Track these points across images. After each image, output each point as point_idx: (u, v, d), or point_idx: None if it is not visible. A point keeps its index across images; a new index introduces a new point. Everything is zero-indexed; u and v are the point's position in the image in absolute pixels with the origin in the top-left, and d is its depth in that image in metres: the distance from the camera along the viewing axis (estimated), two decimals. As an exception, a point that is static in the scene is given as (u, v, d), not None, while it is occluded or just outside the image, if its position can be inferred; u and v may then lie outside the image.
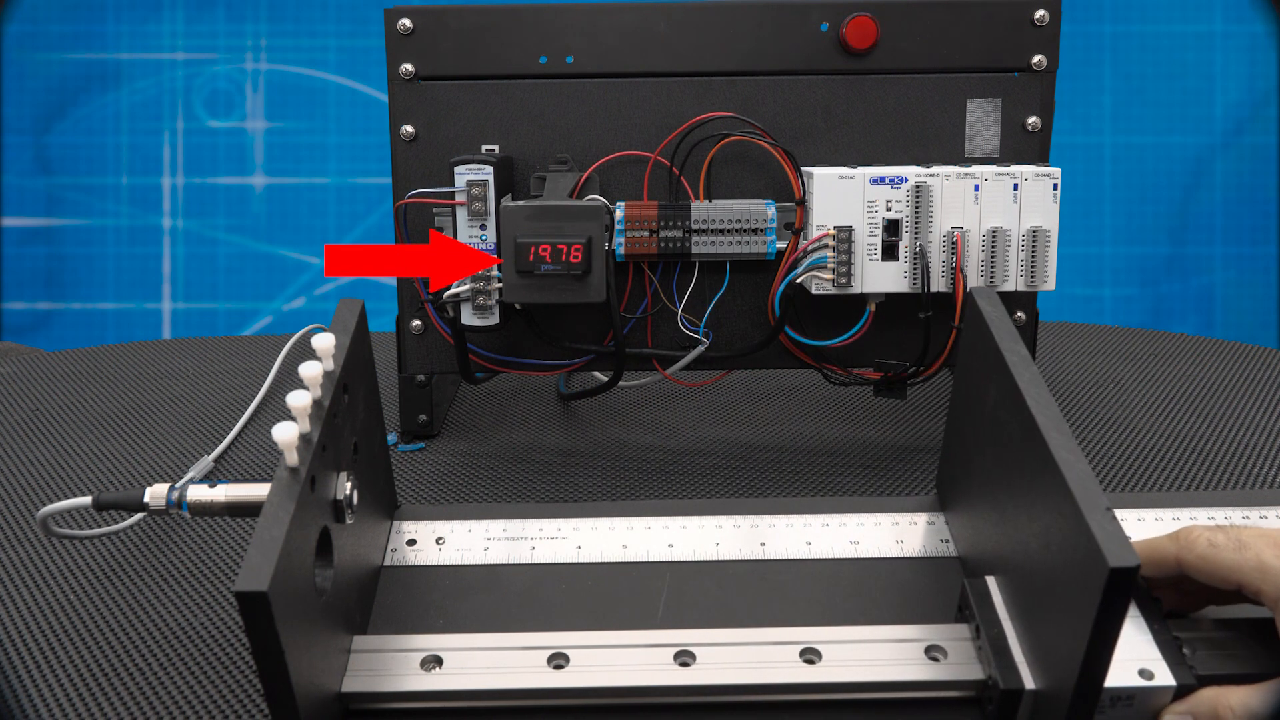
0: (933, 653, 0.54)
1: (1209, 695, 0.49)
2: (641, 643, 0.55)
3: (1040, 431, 0.51)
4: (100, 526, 0.74)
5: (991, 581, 0.56)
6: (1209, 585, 0.52)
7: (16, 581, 0.69)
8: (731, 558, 0.64)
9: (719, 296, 0.82)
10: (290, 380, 1.02)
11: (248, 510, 0.57)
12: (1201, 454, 0.85)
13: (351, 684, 0.54)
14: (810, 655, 0.55)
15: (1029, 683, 0.51)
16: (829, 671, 0.54)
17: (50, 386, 1.05)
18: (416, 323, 0.85)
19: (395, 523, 0.67)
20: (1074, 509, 0.47)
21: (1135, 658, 0.52)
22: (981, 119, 0.82)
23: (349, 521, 0.56)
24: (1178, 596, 0.56)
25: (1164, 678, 0.51)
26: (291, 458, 0.49)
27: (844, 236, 0.77)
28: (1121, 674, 0.51)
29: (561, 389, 0.99)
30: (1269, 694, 0.48)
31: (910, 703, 0.54)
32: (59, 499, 0.72)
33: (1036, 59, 0.81)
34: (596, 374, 0.95)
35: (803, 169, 0.79)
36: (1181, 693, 0.51)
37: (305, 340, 1.06)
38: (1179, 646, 0.53)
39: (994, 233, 0.77)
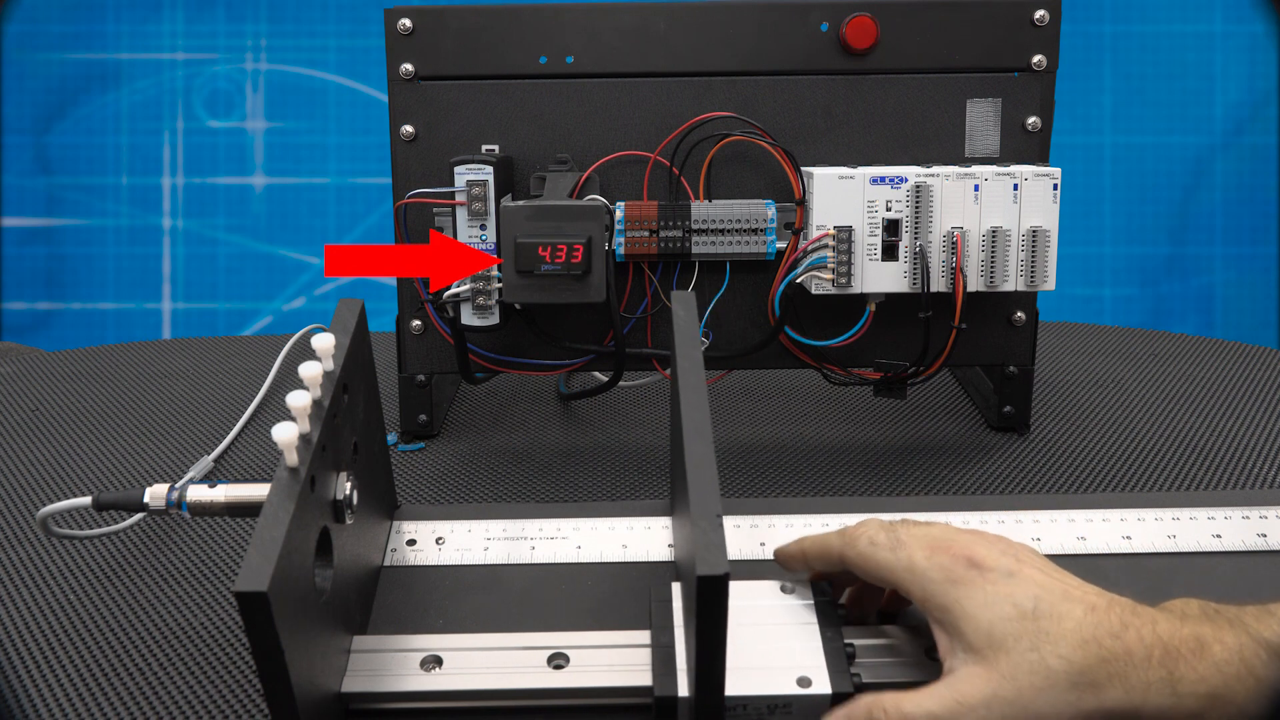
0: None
1: (866, 701, 0.49)
2: (641, 643, 0.55)
3: (683, 438, 0.52)
4: (100, 526, 0.74)
5: (676, 588, 0.56)
6: (875, 584, 0.53)
7: (16, 581, 0.69)
8: (732, 558, 0.64)
9: (719, 296, 0.82)
10: (290, 380, 1.02)
11: (248, 510, 0.57)
12: (1201, 454, 0.85)
13: (351, 684, 0.54)
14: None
15: (683, 689, 0.50)
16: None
17: (50, 386, 1.05)
18: (416, 323, 0.85)
19: (395, 523, 0.67)
20: (688, 515, 0.47)
21: (796, 665, 0.52)
22: (981, 119, 0.81)
23: (349, 521, 0.56)
24: (886, 595, 0.56)
25: (821, 686, 0.51)
26: (291, 458, 0.49)
27: (844, 236, 0.77)
28: (779, 682, 0.51)
29: (561, 389, 0.99)
30: (921, 697, 0.48)
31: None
32: (59, 499, 0.72)
33: (1036, 59, 0.81)
34: (596, 374, 0.95)
35: (803, 169, 0.79)
36: (839, 700, 0.51)
37: (305, 340, 1.06)
38: (850, 654, 0.53)
39: (994, 233, 0.77)
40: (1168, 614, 0.48)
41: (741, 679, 0.50)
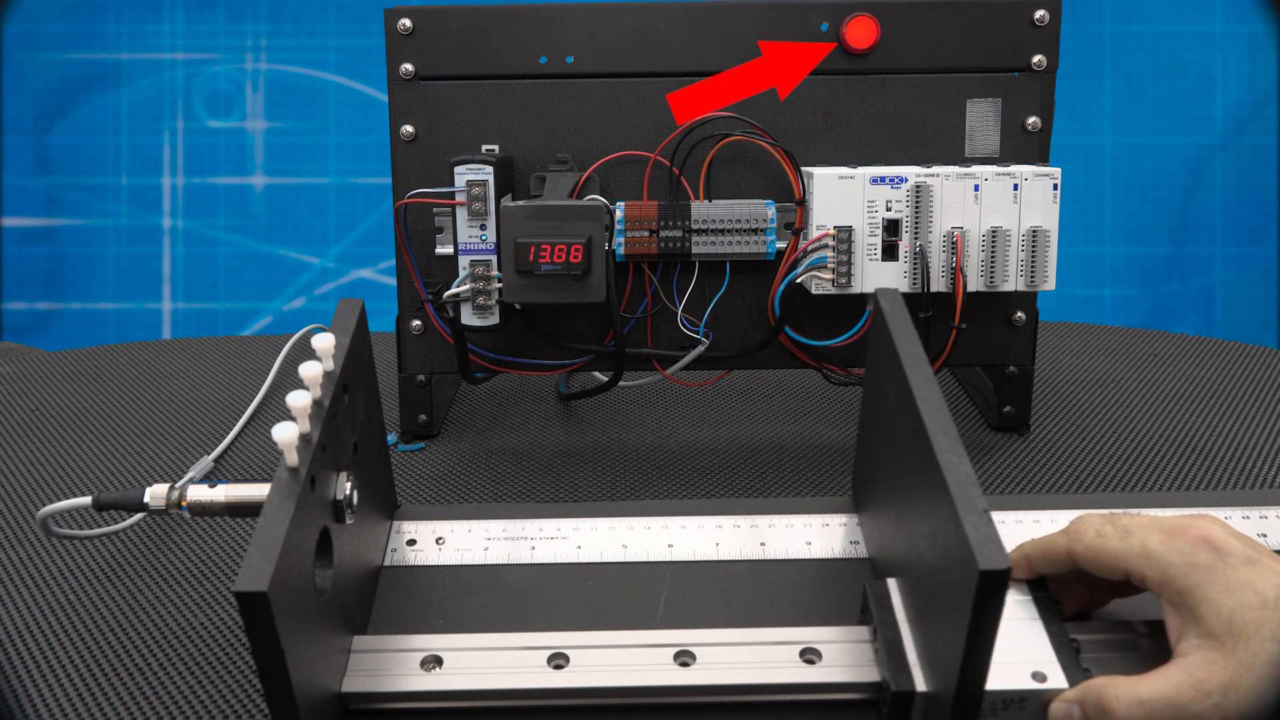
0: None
1: (1096, 685, 0.49)
2: (641, 643, 0.55)
3: (927, 433, 0.51)
4: (100, 526, 0.74)
5: (892, 583, 0.56)
6: (1102, 577, 0.53)
7: (16, 581, 0.69)
8: (731, 558, 0.64)
9: (719, 296, 0.82)
10: (290, 380, 1.02)
11: (248, 510, 0.57)
12: (1201, 454, 0.85)
13: (351, 684, 0.54)
14: (810, 655, 0.55)
15: (920, 685, 0.50)
16: (828, 672, 0.54)
17: (50, 386, 1.05)
18: (416, 323, 0.85)
19: (395, 523, 0.67)
20: (952, 511, 0.47)
21: (1029, 660, 0.52)
22: (981, 119, 0.81)
23: (349, 521, 0.56)
24: (1086, 593, 0.56)
25: (1057, 680, 0.51)
26: (291, 458, 0.49)
27: (844, 236, 0.77)
28: (1014, 676, 0.51)
29: (561, 389, 0.99)
30: (1154, 682, 0.48)
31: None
32: (59, 499, 0.72)
33: (1036, 59, 0.81)
34: (596, 374, 0.95)
35: (803, 169, 0.79)
36: None
37: (305, 340, 1.06)
38: (1075, 649, 0.53)
39: (994, 233, 0.77)
40: None
41: None
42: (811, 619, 0.59)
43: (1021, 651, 0.52)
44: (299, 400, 0.50)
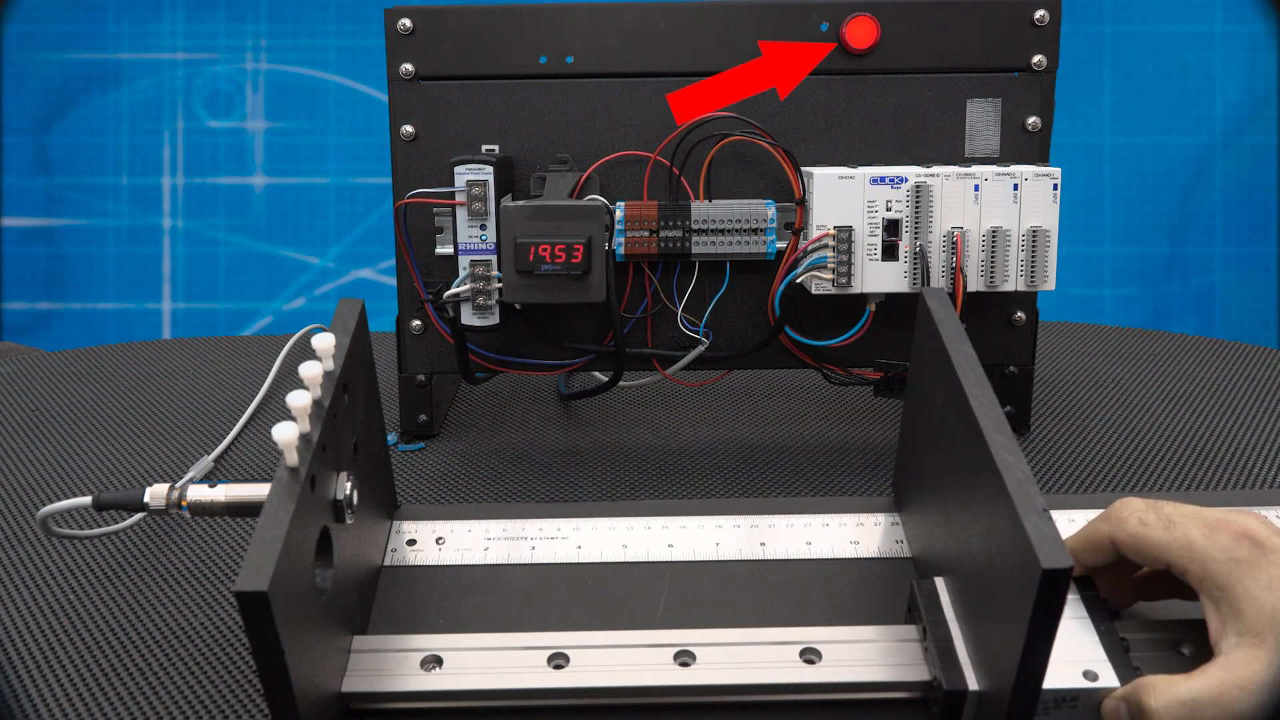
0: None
1: (1142, 684, 0.49)
2: (641, 643, 0.55)
3: (982, 432, 0.51)
4: (100, 526, 0.74)
5: (940, 582, 0.56)
6: (1142, 564, 0.53)
7: (16, 581, 0.69)
8: (731, 558, 0.64)
9: (719, 296, 0.82)
10: (290, 380, 1.02)
11: (248, 510, 0.57)
12: (1201, 454, 0.85)
13: (351, 684, 0.54)
14: (810, 655, 0.55)
15: (972, 684, 0.50)
16: (829, 671, 0.54)
17: (50, 386, 1.05)
18: (416, 323, 0.85)
19: (395, 523, 0.67)
20: (1011, 510, 0.47)
21: (1080, 659, 0.52)
22: (981, 119, 0.81)
23: (349, 521, 0.56)
24: (1115, 584, 0.56)
25: (1108, 679, 0.51)
26: (291, 458, 0.49)
27: (844, 236, 0.77)
28: (1066, 675, 0.51)
29: (561, 389, 0.99)
30: (1196, 681, 0.48)
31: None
32: (59, 499, 0.72)
33: (1036, 59, 0.81)
34: (596, 374, 0.95)
35: (803, 169, 0.79)
36: None
37: (305, 340, 1.06)
38: (1125, 648, 0.53)
39: (994, 233, 0.77)
40: None
41: None
42: (811, 619, 0.59)
43: (1072, 650, 0.52)
44: (299, 400, 0.50)
